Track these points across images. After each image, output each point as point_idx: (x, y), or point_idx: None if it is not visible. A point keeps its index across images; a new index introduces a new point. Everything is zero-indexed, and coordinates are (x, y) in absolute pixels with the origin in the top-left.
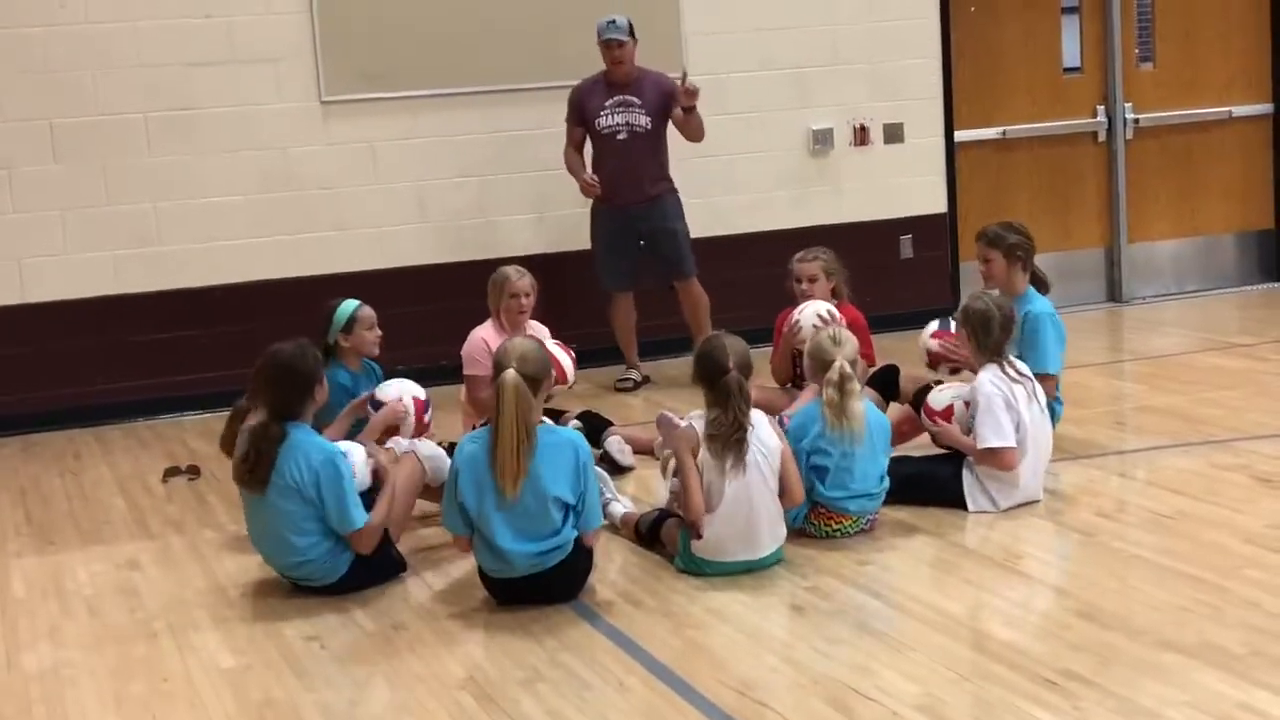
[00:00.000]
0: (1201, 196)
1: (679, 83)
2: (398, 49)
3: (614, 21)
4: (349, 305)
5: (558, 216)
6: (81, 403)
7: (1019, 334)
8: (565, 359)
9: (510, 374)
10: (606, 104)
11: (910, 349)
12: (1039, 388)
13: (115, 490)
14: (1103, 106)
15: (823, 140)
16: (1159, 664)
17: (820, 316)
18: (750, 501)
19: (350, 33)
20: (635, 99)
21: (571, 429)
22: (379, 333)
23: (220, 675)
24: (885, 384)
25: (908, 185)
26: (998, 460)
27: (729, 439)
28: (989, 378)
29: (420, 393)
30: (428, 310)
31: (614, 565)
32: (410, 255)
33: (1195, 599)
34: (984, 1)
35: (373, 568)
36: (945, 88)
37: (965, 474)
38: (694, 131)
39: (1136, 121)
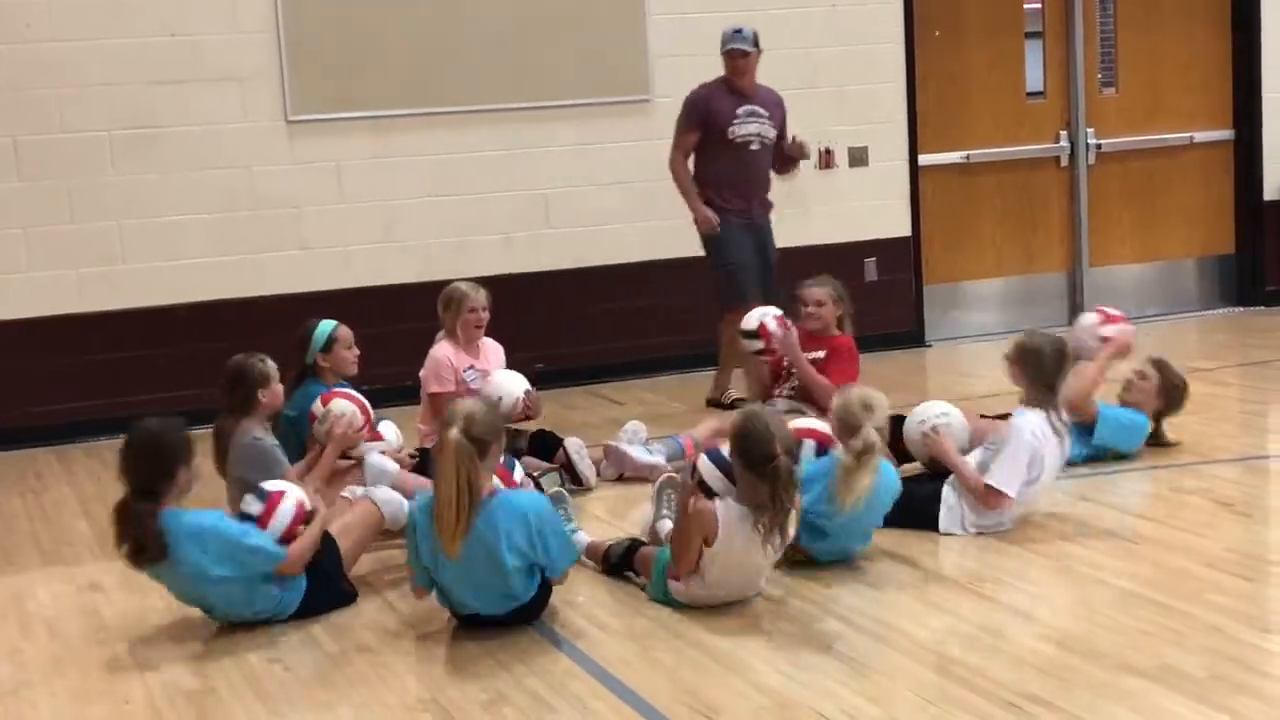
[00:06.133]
0: (1163, 221)
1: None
2: (364, 69)
3: (740, 31)
4: (327, 325)
5: (525, 237)
6: (44, 422)
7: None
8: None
9: (453, 434)
10: (738, 112)
11: (875, 370)
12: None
13: (78, 511)
14: (1065, 131)
15: None
16: (1120, 687)
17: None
18: (755, 566)
19: (317, 52)
20: (763, 110)
21: (531, 493)
22: (357, 352)
23: (183, 698)
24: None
25: (872, 208)
26: (994, 501)
27: (774, 523)
28: (1032, 427)
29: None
30: (392, 331)
31: (581, 591)
32: (375, 275)
33: (1157, 623)
34: (948, 27)
35: (323, 600)
36: (910, 112)
37: (947, 492)
38: (785, 168)
39: (1099, 146)
